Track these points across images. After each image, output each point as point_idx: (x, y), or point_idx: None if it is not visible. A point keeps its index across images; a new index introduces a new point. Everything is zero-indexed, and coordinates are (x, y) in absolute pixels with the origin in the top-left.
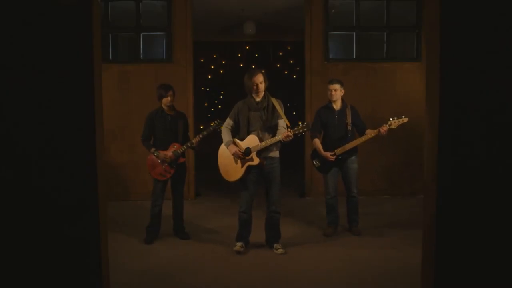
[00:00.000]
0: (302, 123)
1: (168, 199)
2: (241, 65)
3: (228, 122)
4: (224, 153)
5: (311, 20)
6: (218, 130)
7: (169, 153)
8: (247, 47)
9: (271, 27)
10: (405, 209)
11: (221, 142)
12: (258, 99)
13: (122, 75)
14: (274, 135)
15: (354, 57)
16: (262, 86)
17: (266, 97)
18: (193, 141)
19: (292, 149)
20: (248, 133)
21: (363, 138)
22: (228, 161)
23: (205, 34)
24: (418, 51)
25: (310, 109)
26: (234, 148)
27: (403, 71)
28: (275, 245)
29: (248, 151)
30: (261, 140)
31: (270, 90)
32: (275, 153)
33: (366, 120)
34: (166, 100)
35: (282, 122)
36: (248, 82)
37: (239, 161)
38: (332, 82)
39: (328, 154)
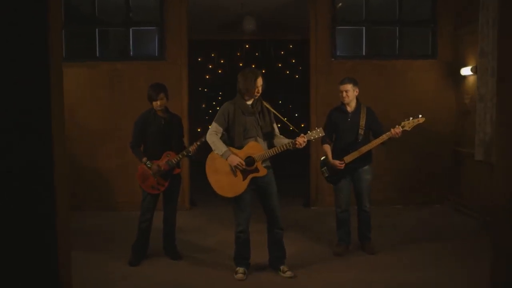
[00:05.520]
0: (316, 128)
1: (159, 209)
2: (241, 64)
3: (217, 128)
4: (215, 165)
5: (317, 14)
6: None
7: (162, 163)
8: (247, 46)
9: (272, 24)
10: (421, 222)
11: None
12: (249, 102)
13: (111, 74)
14: (270, 142)
15: (364, 54)
16: (261, 89)
17: (259, 99)
18: (190, 149)
19: (295, 154)
20: (245, 141)
21: (373, 143)
22: (222, 174)
23: (203, 32)
24: (433, 47)
25: (315, 111)
26: (236, 159)
27: (417, 70)
28: (281, 267)
29: (251, 160)
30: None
31: (271, 90)
32: (269, 161)
33: None
34: (155, 104)
35: (276, 127)
36: (249, 84)
37: (238, 173)
38: (343, 82)
39: (336, 162)
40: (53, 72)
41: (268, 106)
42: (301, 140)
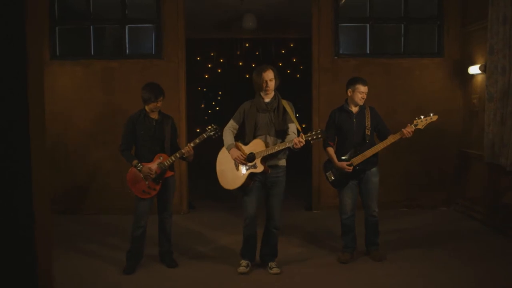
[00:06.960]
0: (317, 129)
1: (155, 213)
2: (241, 63)
3: (232, 124)
4: (224, 158)
5: (319, 10)
6: (214, 137)
7: (154, 166)
8: (247, 44)
9: (273, 22)
10: (428, 226)
11: (218, 147)
12: (267, 100)
13: (106, 73)
14: (283, 140)
15: (368, 52)
16: (272, 84)
17: (276, 97)
18: (183, 151)
19: (297, 155)
20: (255, 138)
21: (384, 144)
22: (227, 167)
23: (202, 30)
24: (440, 45)
25: (318, 111)
26: (236, 153)
27: (423, 68)
28: (269, 264)
29: (252, 156)
30: (267, 145)
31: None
32: (282, 162)
33: None
34: (153, 106)
35: (293, 127)
36: (258, 79)
37: (240, 167)
38: (364, 83)
39: (344, 164)
40: (31, 68)
41: (286, 104)
42: (297, 140)
